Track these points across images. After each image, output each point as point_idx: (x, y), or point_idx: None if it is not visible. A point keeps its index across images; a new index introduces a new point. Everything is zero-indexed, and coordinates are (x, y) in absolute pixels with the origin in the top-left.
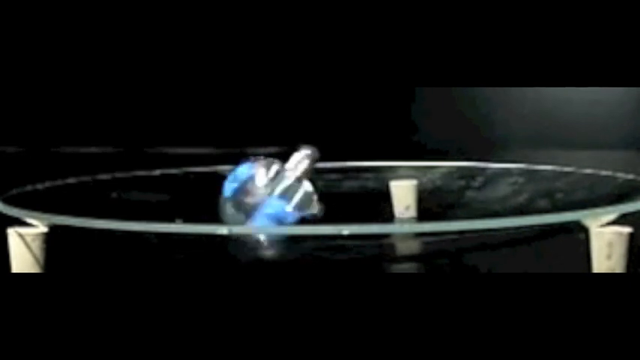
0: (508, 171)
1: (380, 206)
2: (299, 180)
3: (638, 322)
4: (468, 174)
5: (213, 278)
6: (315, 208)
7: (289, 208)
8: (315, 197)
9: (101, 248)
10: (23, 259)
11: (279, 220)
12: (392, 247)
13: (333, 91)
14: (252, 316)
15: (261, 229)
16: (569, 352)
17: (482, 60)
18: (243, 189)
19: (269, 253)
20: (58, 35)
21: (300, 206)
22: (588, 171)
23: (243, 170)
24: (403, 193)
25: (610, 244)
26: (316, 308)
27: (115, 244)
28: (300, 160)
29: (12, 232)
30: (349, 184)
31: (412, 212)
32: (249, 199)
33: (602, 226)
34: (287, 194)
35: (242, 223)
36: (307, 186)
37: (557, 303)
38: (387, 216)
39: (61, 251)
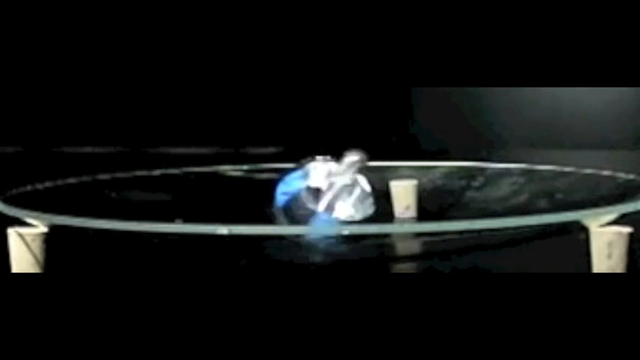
0: (508, 171)
1: (380, 206)
2: (351, 182)
3: (638, 322)
4: (468, 174)
5: (214, 279)
6: (371, 208)
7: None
8: (371, 198)
9: (101, 248)
10: (23, 259)
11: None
12: (392, 247)
13: (333, 90)
14: (252, 317)
15: (261, 229)
16: (569, 352)
17: (482, 60)
18: (296, 199)
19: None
20: (58, 35)
21: (356, 205)
22: (588, 171)
23: (295, 181)
24: (403, 193)
25: (610, 244)
26: (316, 309)
27: (115, 244)
28: (351, 164)
29: (12, 232)
30: None
31: (412, 212)
32: (302, 211)
33: (602, 226)
34: (342, 195)
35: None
36: (364, 185)
37: (557, 303)
38: (387, 216)
39: (61, 251)
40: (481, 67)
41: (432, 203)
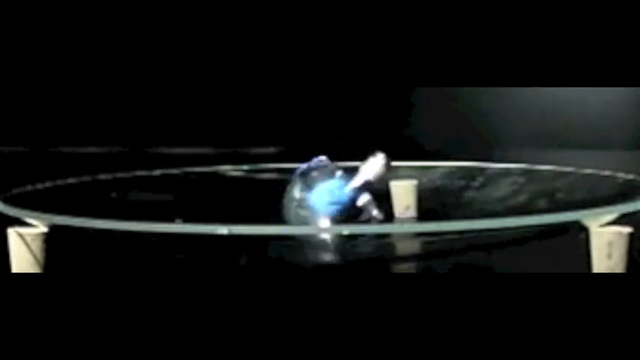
0: (508, 171)
1: (380, 206)
2: (368, 184)
3: (638, 322)
4: (468, 174)
5: (214, 279)
6: (375, 213)
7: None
8: (374, 204)
9: (101, 248)
10: (23, 258)
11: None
12: (392, 247)
13: (333, 91)
14: (252, 317)
15: (259, 228)
16: (569, 352)
17: (482, 60)
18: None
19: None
20: (58, 35)
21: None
22: (588, 171)
23: (338, 190)
24: (403, 193)
25: (610, 244)
26: (317, 309)
27: (115, 244)
28: (375, 165)
29: (12, 232)
30: None
31: (412, 212)
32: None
33: (602, 226)
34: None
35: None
36: (366, 195)
37: (557, 303)
38: (387, 216)
39: (61, 251)
40: (481, 67)
41: (432, 203)
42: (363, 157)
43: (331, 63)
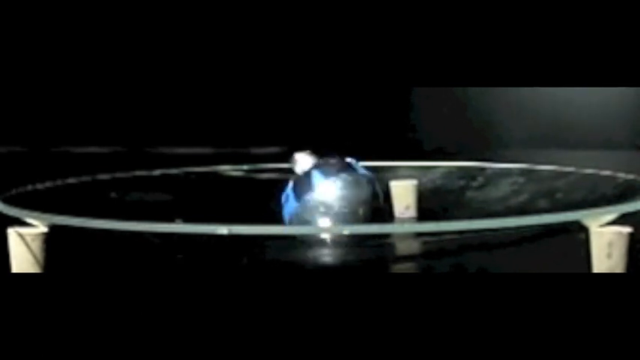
0: (508, 171)
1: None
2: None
3: (638, 322)
4: (468, 174)
5: (215, 279)
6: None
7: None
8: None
9: (101, 248)
10: (23, 259)
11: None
12: (392, 247)
13: (332, 90)
14: (253, 318)
15: (258, 228)
16: (569, 353)
17: (482, 60)
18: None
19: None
20: (58, 35)
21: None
22: (588, 171)
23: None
24: (403, 193)
25: (610, 244)
26: (317, 309)
27: (115, 244)
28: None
29: (12, 232)
30: None
31: (412, 212)
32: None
33: (602, 226)
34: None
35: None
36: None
37: (557, 303)
38: (387, 216)
39: (61, 251)
40: (481, 67)
41: (432, 203)
42: (363, 157)
43: (331, 63)
